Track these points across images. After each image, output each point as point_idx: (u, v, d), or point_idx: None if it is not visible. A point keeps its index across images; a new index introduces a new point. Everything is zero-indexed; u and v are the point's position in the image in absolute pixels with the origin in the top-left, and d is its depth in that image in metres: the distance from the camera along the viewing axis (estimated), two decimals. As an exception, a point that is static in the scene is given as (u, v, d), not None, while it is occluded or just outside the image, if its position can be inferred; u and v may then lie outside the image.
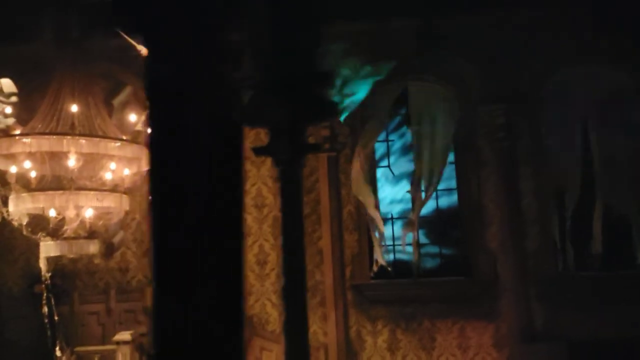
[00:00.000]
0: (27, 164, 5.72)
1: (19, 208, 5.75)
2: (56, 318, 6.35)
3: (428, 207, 9.85)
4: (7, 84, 5.98)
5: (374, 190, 9.56)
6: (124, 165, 6.20)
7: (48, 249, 5.94)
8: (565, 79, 9.46)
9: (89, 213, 6.14)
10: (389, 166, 10.03)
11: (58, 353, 6.56)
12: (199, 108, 1.92)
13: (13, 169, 5.86)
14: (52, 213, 6.01)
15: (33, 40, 6.55)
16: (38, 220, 6.38)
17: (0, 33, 7.38)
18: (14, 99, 5.92)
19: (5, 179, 6.08)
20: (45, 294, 6.28)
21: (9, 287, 9.32)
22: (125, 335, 7.43)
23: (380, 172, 10.00)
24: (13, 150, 5.58)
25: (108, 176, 6.05)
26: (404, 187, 10.28)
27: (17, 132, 6.06)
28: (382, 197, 9.89)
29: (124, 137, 6.15)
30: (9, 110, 5.85)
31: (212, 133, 1.91)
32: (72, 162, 5.71)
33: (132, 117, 6.32)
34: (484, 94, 9.21)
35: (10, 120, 5.82)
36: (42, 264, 6.03)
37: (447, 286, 9.21)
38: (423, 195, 9.47)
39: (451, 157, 9.62)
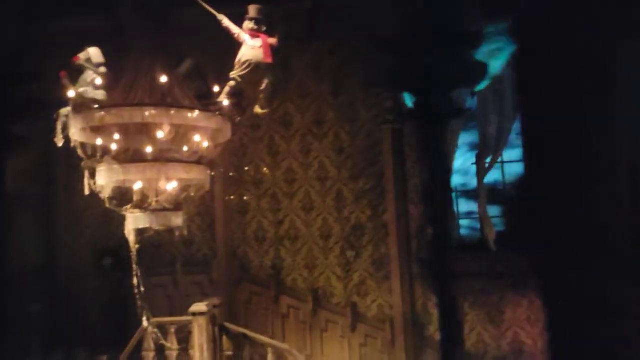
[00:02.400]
0: (116, 136, 5.69)
1: (111, 180, 5.73)
2: (142, 289, 6.37)
3: (492, 178, 9.72)
4: (95, 54, 5.91)
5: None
6: (207, 137, 6.14)
7: (136, 221, 5.93)
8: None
9: (172, 185, 6.10)
10: (453, 138, 9.86)
11: (145, 324, 6.61)
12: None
13: (99, 142, 5.83)
14: (137, 186, 5.99)
15: (112, 10, 6.48)
16: (118, 193, 6.36)
17: (79, 5, 7.37)
18: (102, 69, 5.86)
19: (87, 151, 6.04)
20: (134, 266, 6.29)
21: (77, 260, 9.45)
22: (201, 307, 7.47)
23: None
24: (105, 122, 5.55)
25: (193, 148, 5.99)
26: (467, 158, 10.15)
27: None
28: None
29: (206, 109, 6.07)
30: (99, 81, 5.80)
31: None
32: (161, 134, 5.66)
33: (215, 89, 6.23)
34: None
35: (101, 92, 5.77)
36: (131, 236, 6.03)
37: (515, 259, 9.07)
38: (487, 165, 9.37)
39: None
